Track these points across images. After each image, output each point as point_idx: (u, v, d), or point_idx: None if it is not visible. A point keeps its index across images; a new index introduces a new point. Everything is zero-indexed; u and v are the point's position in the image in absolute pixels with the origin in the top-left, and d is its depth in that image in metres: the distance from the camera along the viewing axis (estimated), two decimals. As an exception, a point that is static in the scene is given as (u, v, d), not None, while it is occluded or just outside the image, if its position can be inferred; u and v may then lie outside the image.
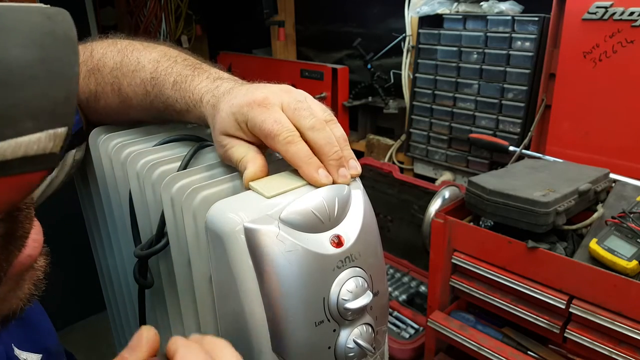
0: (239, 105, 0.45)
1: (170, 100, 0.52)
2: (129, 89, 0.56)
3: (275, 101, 0.44)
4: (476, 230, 1.03)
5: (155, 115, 0.57)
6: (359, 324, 0.43)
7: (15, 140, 0.24)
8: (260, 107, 0.44)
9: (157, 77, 0.53)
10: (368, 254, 0.43)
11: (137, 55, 0.56)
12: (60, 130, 0.26)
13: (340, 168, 0.44)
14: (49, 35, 0.26)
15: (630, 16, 1.07)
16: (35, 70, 0.25)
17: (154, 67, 0.54)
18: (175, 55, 0.56)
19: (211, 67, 0.55)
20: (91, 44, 0.60)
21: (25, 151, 0.25)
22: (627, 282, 0.81)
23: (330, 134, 0.44)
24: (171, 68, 0.54)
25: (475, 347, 1.01)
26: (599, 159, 1.16)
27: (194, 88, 0.51)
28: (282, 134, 0.42)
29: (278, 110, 0.44)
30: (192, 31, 2.36)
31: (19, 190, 0.27)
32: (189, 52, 0.59)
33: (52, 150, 0.26)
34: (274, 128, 0.43)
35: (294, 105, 0.44)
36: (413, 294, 1.53)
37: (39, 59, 0.25)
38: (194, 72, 0.53)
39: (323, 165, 0.44)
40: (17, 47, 0.25)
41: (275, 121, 0.43)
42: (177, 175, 0.47)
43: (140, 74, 0.55)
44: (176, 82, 0.52)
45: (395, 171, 1.62)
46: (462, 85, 1.44)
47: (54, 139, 0.26)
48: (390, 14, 1.71)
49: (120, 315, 0.71)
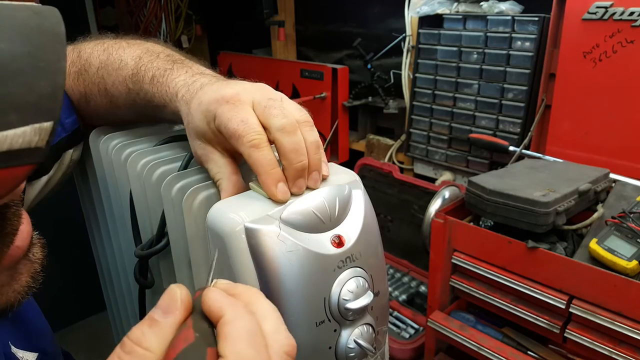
0: (208, 102, 0.42)
1: (149, 95, 0.51)
2: (113, 88, 0.54)
3: (246, 98, 0.41)
4: (476, 230, 1.03)
5: (139, 113, 0.55)
6: (360, 324, 0.43)
7: (0, 134, 0.24)
8: (228, 104, 0.41)
9: (137, 73, 0.52)
10: (369, 254, 0.43)
11: (120, 54, 0.55)
12: (46, 124, 0.26)
13: (299, 179, 0.41)
14: (35, 30, 0.26)
15: (630, 16, 1.07)
16: (21, 64, 0.25)
17: (135, 63, 0.53)
18: (159, 51, 0.54)
19: (194, 63, 0.53)
20: (79, 45, 0.59)
21: (10, 145, 0.25)
22: (627, 282, 0.81)
23: (299, 139, 0.41)
24: (151, 63, 0.52)
25: (475, 347, 1.01)
26: (599, 159, 1.16)
27: (171, 82, 0.49)
28: (247, 135, 0.39)
29: (247, 109, 0.41)
30: (192, 31, 2.36)
31: (3, 184, 0.27)
32: (178, 50, 0.57)
33: (37, 144, 0.26)
34: (239, 128, 0.40)
35: (265, 102, 0.41)
36: (413, 294, 1.53)
37: (26, 52, 0.25)
38: (173, 67, 0.50)
39: (285, 175, 0.41)
40: (3, 42, 0.25)
41: (242, 121, 0.40)
42: (178, 175, 0.47)
43: (122, 72, 0.53)
44: (154, 77, 0.50)
45: (395, 171, 1.62)
46: (462, 85, 1.44)
47: (39, 133, 0.26)
48: (390, 14, 1.71)
49: (120, 315, 0.71)
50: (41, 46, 0.26)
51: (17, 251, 0.38)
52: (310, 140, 0.42)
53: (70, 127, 0.59)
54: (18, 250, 0.38)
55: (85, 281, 1.34)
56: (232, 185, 0.43)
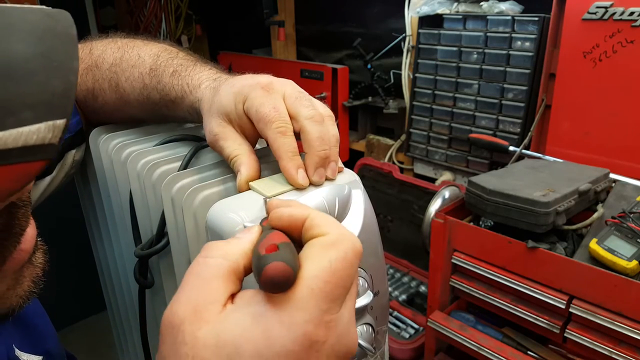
0: (242, 85, 0.44)
1: (167, 88, 0.52)
2: (127, 83, 0.56)
3: (279, 88, 0.44)
4: (476, 230, 1.03)
5: (150, 109, 0.56)
6: (360, 324, 0.43)
7: (16, 130, 0.25)
8: (262, 89, 0.43)
9: (157, 68, 0.53)
10: (368, 254, 0.43)
11: (137, 51, 0.56)
12: (59, 122, 0.27)
13: (320, 168, 0.43)
14: (48, 32, 0.27)
15: (630, 16, 1.07)
16: (35, 64, 0.26)
17: (154, 60, 0.54)
18: (176, 51, 0.57)
19: (214, 65, 0.55)
20: (90, 42, 0.60)
21: (26, 140, 0.26)
22: (627, 282, 0.81)
23: (326, 130, 0.43)
24: (171, 60, 0.54)
25: (475, 347, 1.01)
26: (599, 159, 1.16)
27: (195, 75, 0.51)
28: (277, 122, 0.42)
29: (279, 98, 0.43)
30: (192, 31, 2.36)
31: (18, 178, 0.27)
32: (190, 52, 0.59)
33: (50, 140, 0.27)
34: (270, 114, 0.42)
35: (296, 94, 0.44)
36: (413, 294, 1.53)
37: (39, 53, 0.26)
38: (196, 64, 0.53)
39: (305, 163, 0.43)
40: (19, 43, 0.26)
41: (274, 107, 0.42)
42: (178, 175, 0.47)
43: (139, 68, 0.55)
44: (175, 72, 0.52)
45: (395, 171, 1.62)
46: (462, 85, 1.44)
47: (53, 130, 0.27)
48: (390, 14, 1.71)
49: (120, 315, 0.71)
50: (54, 47, 0.27)
51: (23, 254, 0.38)
52: (332, 133, 0.44)
53: (74, 127, 0.59)
54: (23, 254, 0.38)
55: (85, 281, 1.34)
56: (254, 160, 0.44)
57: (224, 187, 0.46)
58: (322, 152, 0.42)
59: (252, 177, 0.43)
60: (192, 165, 0.51)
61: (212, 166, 0.50)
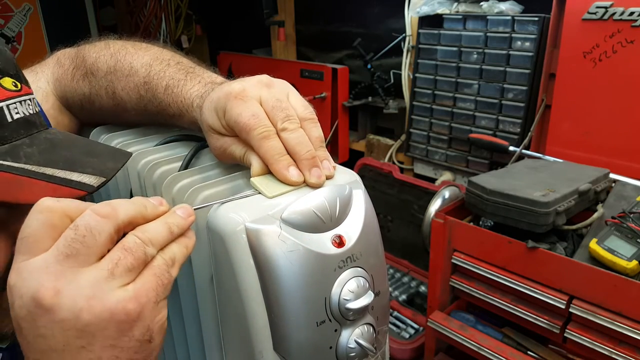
0: (217, 98, 0.45)
1: (163, 104, 0.53)
2: (123, 92, 0.56)
3: (253, 94, 0.44)
4: (476, 230, 1.03)
5: (149, 118, 0.57)
6: (361, 324, 0.43)
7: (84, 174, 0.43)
8: (236, 99, 0.43)
9: (150, 81, 0.54)
10: (369, 254, 0.43)
11: (129, 60, 0.57)
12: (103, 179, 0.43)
13: (313, 168, 0.43)
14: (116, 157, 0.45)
15: (630, 16, 1.07)
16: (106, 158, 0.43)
17: (146, 71, 0.55)
18: (168, 58, 0.56)
19: (204, 71, 0.55)
20: (83, 48, 0.61)
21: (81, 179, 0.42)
22: (627, 282, 0.81)
23: (301, 134, 0.43)
24: (163, 72, 0.54)
25: (475, 347, 1.01)
26: (599, 159, 1.16)
27: (186, 93, 0.51)
28: (258, 128, 0.42)
29: (255, 104, 0.43)
30: (192, 31, 2.36)
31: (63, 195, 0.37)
32: (182, 54, 0.59)
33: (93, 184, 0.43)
34: (250, 122, 0.42)
35: (272, 103, 0.44)
36: (413, 294, 1.53)
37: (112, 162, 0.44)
38: (186, 77, 0.53)
39: (295, 164, 0.43)
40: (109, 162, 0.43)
41: (252, 115, 0.42)
42: (178, 175, 0.48)
43: (133, 78, 0.55)
44: (168, 87, 0.52)
45: (395, 171, 1.62)
46: (462, 85, 1.44)
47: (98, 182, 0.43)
48: (390, 14, 1.71)
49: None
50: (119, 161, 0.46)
51: None
52: (315, 135, 0.44)
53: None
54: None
55: (85, 281, 1.34)
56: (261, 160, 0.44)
57: (224, 188, 0.46)
58: (306, 154, 0.42)
59: (264, 168, 0.44)
60: (192, 166, 0.51)
61: (212, 166, 0.50)
